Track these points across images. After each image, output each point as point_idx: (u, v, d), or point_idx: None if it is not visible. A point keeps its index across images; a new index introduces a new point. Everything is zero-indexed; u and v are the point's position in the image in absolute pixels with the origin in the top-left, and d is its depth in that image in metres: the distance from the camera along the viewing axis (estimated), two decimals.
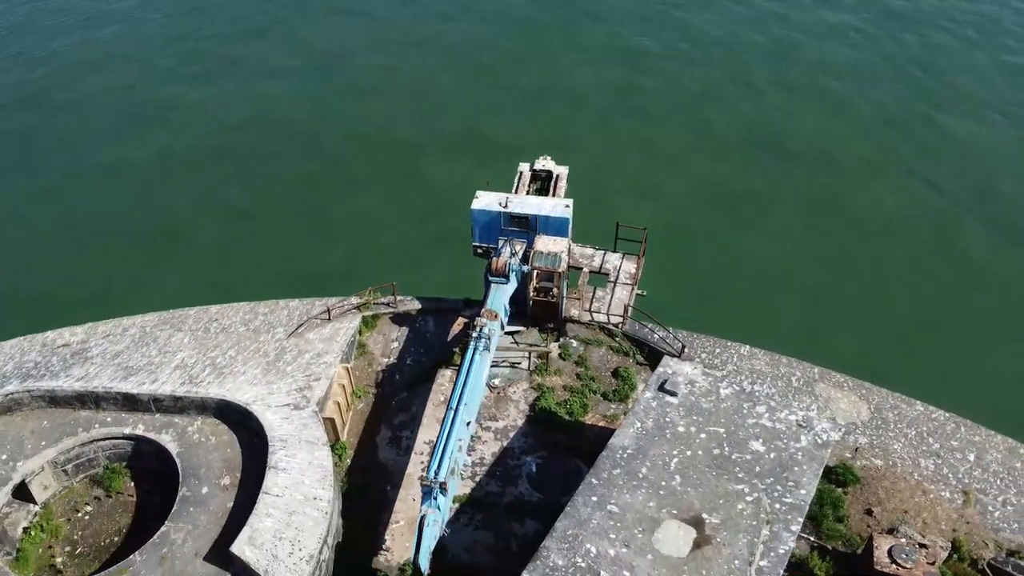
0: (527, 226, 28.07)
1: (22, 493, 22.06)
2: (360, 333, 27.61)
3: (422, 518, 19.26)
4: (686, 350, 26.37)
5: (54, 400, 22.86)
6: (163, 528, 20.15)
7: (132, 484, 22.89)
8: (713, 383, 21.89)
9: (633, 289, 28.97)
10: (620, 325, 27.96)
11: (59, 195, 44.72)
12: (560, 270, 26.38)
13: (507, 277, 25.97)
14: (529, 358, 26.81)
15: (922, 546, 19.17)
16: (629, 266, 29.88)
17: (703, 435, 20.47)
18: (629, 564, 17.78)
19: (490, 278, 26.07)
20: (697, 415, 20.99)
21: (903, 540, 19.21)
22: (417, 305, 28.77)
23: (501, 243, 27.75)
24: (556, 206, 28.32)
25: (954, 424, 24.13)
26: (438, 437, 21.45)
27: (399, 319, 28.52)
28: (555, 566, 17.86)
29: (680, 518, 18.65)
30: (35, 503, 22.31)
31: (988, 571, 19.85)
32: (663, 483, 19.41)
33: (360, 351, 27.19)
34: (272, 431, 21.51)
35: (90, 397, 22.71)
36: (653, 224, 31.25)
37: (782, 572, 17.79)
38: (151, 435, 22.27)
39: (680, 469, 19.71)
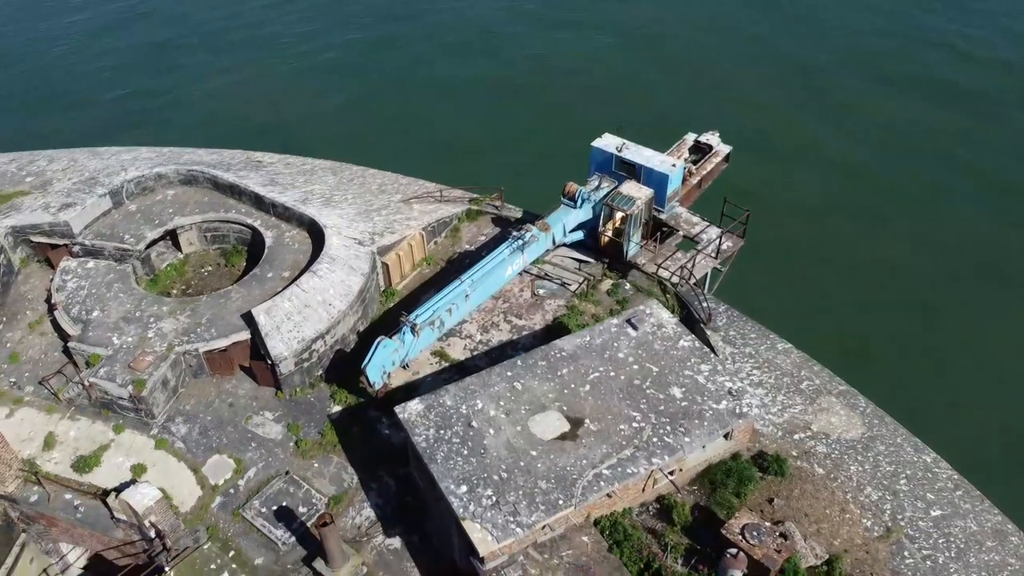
0: (633, 174, 30.11)
1: (175, 241, 30.07)
2: (460, 220, 31.89)
3: (378, 339, 23.46)
4: (712, 320, 26.96)
5: (216, 185, 30.41)
6: (230, 287, 26.62)
7: (245, 264, 29.80)
8: (677, 333, 22.99)
9: (708, 259, 29.65)
10: (677, 285, 29.04)
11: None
12: (628, 212, 28.21)
13: (575, 201, 28.54)
14: (580, 283, 29.15)
15: (782, 536, 19.12)
16: (723, 241, 30.47)
17: (635, 367, 21.97)
18: (498, 425, 20.45)
19: (561, 199, 28.88)
20: (642, 350, 22.43)
21: (766, 524, 19.29)
22: (518, 214, 32.27)
23: (595, 178, 30.23)
24: (664, 162, 29.94)
25: (952, 483, 22.36)
26: (437, 293, 25.38)
27: (498, 221, 32.27)
28: (443, 404, 21.13)
29: (565, 414, 20.73)
30: (180, 251, 30.24)
31: None
32: (571, 386, 21.48)
33: (452, 233, 31.50)
34: (329, 249, 26.85)
35: (237, 190, 29.86)
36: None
37: (615, 487, 19.29)
38: (261, 229, 28.85)
39: (594, 383, 21.57)
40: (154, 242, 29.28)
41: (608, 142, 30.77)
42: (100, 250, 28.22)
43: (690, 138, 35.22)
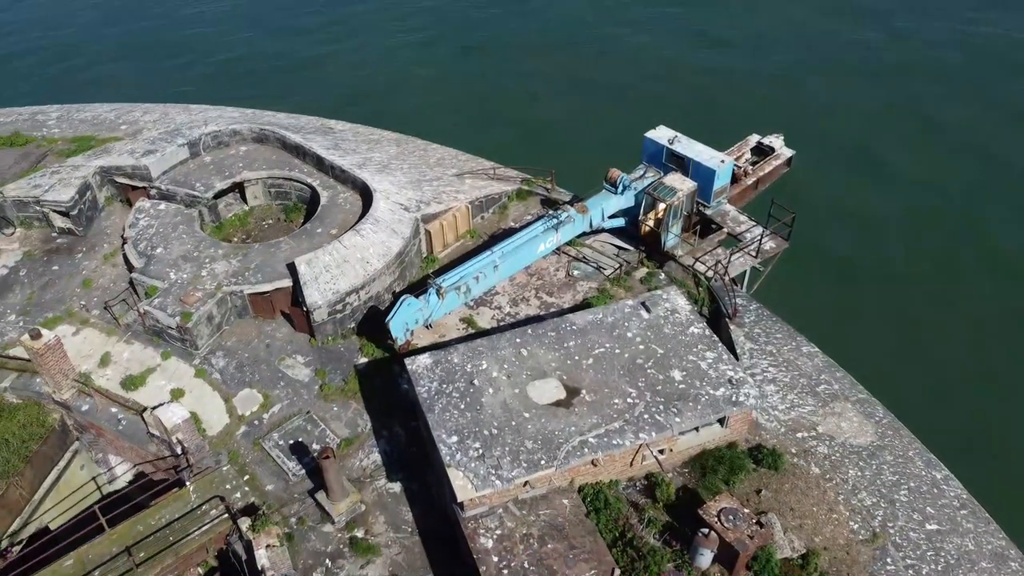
0: (682, 167, 30.42)
1: (242, 194, 32.27)
2: (509, 198, 32.88)
3: (403, 297, 24.75)
4: (738, 316, 27.02)
5: (284, 144, 32.42)
6: (282, 239, 28.49)
7: (303, 220, 31.69)
8: (689, 319, 23.32)
9: (748, 257, 29.63)
10: (711, 279, 29.17)
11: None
12: (669, 202, 28.54)
13: (615, 187, 29.07)
14: (615, 269, 29.66)
15: (759, 524, 19.31)
16: (766, 241, 30.38)
17: (641, 347, 22.48)
18: (498, 386, 21.41)
19: (603, 184, 29.47)
20: (652, 332, 22.90)
21: (744, 511, 19.50)
22: (566, 198, 32.99)
23: (642, 167, 30.67)
24: (713, 158, 30.11)
25: (958, 502, 21.89)
26: (468, 261, 26.51)
27: (547, 203, 33.08)
28: (450, 360, 22.25)
29: (563, 383, 21.47)
30: (246, 203, 32.42)
31: None
32: (575, 358, 22.19)
33: (500, 210, 32.53)
34: (375, 212, 28.33)
35: (301, 150, 31.76)
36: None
37: (599, 455, 19.92)
38: (318, 188, 30.65)
39: (598, 357, 22.21)
40: (222, 193, 31.54)
41: (661, 134, 31.18)
42: (173, 195, 30.63)
43: (753, 139, 35.20)
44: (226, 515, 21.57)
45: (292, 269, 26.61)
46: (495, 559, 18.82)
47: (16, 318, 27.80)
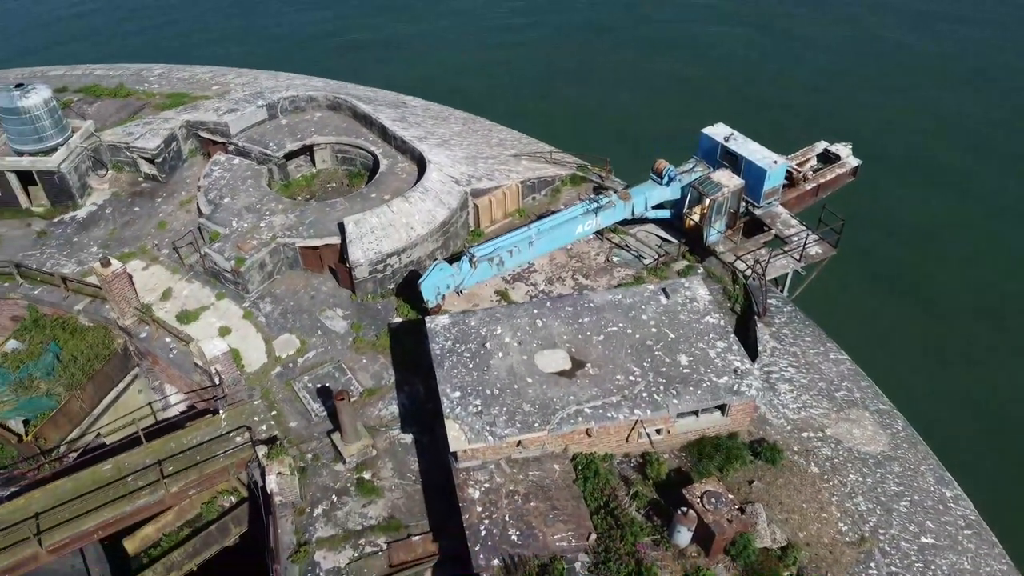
0: (735, 165, 30.54)
1: (312, 157, 34.27)
2: (563, 183, 33.65)
3: (437, 261, 25.97)
4: (767, 315, 26.99)
5: (355, 113, 34.19)
6: (338, 200, 30.21)
7: (365, 186, 33.42)
8: (706, 309, 23.61)
9: (791, 260, 29.45)
10: (748, 278, 29.16)
11: None
12: (712, 197, 28.71)
13: (661, 177, 29.43)
14: (655, 259, 30.02)
15: (740, 511, 19.55)
16: (812, 246, 30.10)
17: (653, 330, 22.95)
18: (508, 351, 22.35)
19: (650, 174, 29.87)
20: (666, 317, 23.32)
21: (728, 496, 19.77)
22: (620, 186, 33.49)
23: (692, 161, 30.90)
24: (766, 158, 30.13)
25: (964, 521, 21.45)
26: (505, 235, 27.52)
27: (599, 190, 33.66)
28: (467, 323, 23.33)
29: (571, 355, 22.20)
30: (314, 166, 34.41)
31: None
32: (587, 333, 22.87)
33: (552, 193, 33.33)
34: (426, 182, 29.66)
35: (369, 120, 33.46)
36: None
37: (592, 426, 20.59)
38: (380, 156, 32.28)
39: (609, 335, 22.83)
40: (293, 154, 33.60)
41: (717, 130, 31.37)
42: (248, 152, 32.86)
43: (820, 146, 34.87)
44: (250, 443, 23.36)
45: (341, 228, 28.25)
46: (479, 509, 19.80)
47: (97, 250, 30.55)
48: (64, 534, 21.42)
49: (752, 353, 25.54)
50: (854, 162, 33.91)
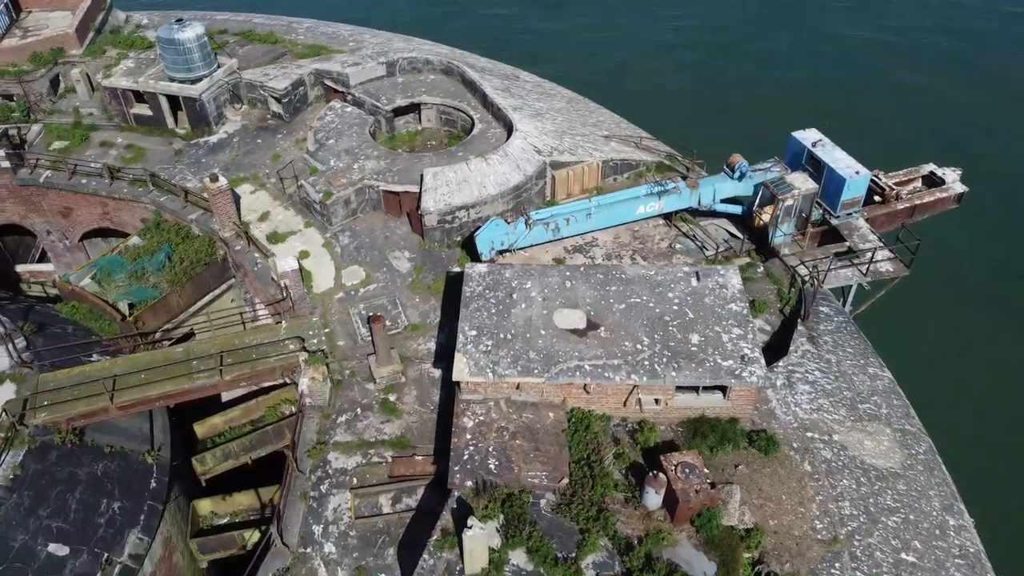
0: (819, 171, 30.31)
1: (419, 115, 36.92)
2: (647, 169, 34.39)
3: (494, 217, 27.71)
4: (809, 319, 26.79)
5: (463, 79, 36.44)
6: (427, 154, 32.60)
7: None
8: (733, 296, 24.00)
9: (858, 274, 28.90)
10: (805, 283, 28.88)
11: None
12: (781, 197, 28.69)
13: (733, 171, 29.66)
14: (717, 251, 30.29)
15: (711, 486, 20.09)
16: (884, 264, 29.37)
17: (675, 308, 23.70)
18: (531, 304, 23.84)
19: (723, 168, 30.15)
20: (691, 298, 23.96)
21: (704, 471, 20.33)
22: (703, 175, 33.81)
23: (772, 161, 30.87)
24: (848, 167, 29.69)
25: (959, 551, 20.84)
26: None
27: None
28: (501, 274, 24.98)
29: (588, 317, 23.38)
30: (420, 124, 37.04)
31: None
32: (609, 300, 23.97)
33: (635, 176, 34.07)
34: (507, 147, 31.40)
35: (474, 86, 35.57)
36: None
37: (588, 382, 21.71)
38: (476, 120, 34.37)
39: (630, 305, 23.80)
40: (402, 111, 36.34)
41: (807, 135, 31.15)
42: (362, 103, 35.91)
43: (927, 168, 33.73)
44: (301, 351, 26.16)
45: (422, 178, 30.57)
46: (468, 436, 21.47)
47: (218, 171, 34.54)
48: (132, 396, 25.04)
49: (782, 352, 25.62)
50: (959, 188, 32.56)
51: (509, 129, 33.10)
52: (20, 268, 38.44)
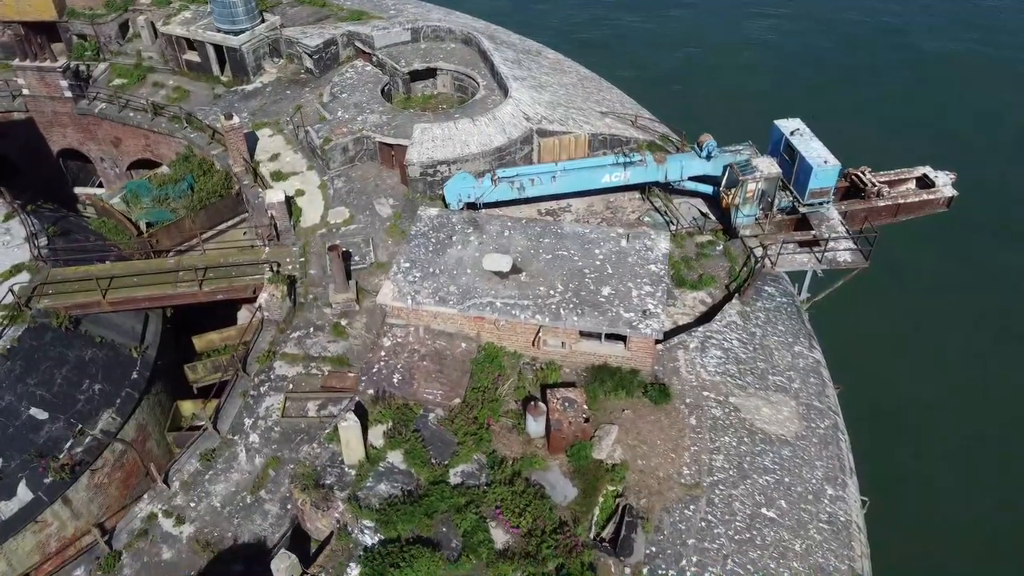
0: (793, 158, 31.04)
1: (421, 77, 39.35)
2: (639, 146, 35.64)
3: (462, 170, 29.82)
4: (746, 296, 27.67)
5: (479, 49, 38.61)
6: (427, 113, 34.95)
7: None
8: (655, 258, 25.33)
9: (813, 260, 29.46)
10: (757, 262, 29.59)
11: None
12: (743, 178, 29.55)
13: (701, 149, 30.69)
14: (681, 227, 31.38)
15: (586, 420, 21.67)
16: (843, 254, 29.81)
17: (597, 263, 25.32)
18: (466, 247, 25.86)
19: (693, 146, 31.22)
20: (616, 257, 25.54)
21: (583, 407, 21.90)
22: None
23: (745, 145, 31.68)
24: (819, 157, 30.30)
25: (827, 516, 21.61)
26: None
27: None
28: (449, 218, 27.08)
29: (514, 263, 25.22)
30: (436, 88, 39.47)
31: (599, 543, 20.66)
32: (538, 251, 25.78)
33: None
34: (497, 111, 33.41)
35: (486, 56, 37.70)
36: None
37: (496, 318, 23.59)
38: (481, 87, 36.50)
39: (556, 256, 25.56)
40: (419, 75, 38.86)
41: (788, 124, 31.85)
42: (383, 64, 38.64)
43: (920, 170, 33.81)
44: (268, 272, 29.05)
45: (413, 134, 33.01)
46: (382, 353, 23.78)
47: (246, 115, 38.01)
48: (122, 295, 28.55)
49: (708, 319, 26.73)
50: (949, 192, 32.58)
51: (506, 95, 35.07)
52: (77, 190, 43.11)
